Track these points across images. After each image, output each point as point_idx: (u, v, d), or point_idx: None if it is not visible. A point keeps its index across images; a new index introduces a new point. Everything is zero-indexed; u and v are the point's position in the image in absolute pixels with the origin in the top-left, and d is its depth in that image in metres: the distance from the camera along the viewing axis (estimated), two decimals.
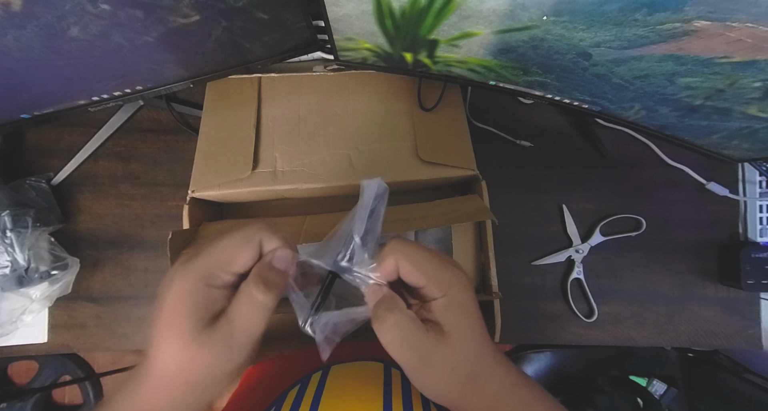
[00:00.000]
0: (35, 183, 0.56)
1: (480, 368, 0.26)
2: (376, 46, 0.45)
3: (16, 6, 0.31)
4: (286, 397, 0.33)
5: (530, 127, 0.63)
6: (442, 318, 0.25)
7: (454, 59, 0.44)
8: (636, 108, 0.43)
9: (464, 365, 0.25)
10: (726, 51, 0.30)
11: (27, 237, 0.51)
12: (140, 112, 0.60)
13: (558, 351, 0.87)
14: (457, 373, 0.25)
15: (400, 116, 0.53)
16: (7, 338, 0.54)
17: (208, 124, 0.52)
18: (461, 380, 0.25)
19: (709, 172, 0.60)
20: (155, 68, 0.45)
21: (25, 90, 0.42)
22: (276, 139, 0.51)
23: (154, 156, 0.60)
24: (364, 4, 0.37)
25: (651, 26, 0.30)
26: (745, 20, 0.27)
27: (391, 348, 0.25)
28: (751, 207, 0.61)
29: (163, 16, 0.37)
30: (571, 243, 0.60)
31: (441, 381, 0.25)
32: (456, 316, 0.25)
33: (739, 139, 0.42)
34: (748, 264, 0.57)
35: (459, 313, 0.26)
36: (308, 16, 0.45)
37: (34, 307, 0.53)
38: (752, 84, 0.33)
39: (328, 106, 0.53)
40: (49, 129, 0.59)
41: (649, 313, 0.61)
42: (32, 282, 0.51)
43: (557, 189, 0.62)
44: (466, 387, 0.26)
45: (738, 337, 0.60)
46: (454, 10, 0.35)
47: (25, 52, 0.35)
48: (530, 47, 0.38)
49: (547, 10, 0.32)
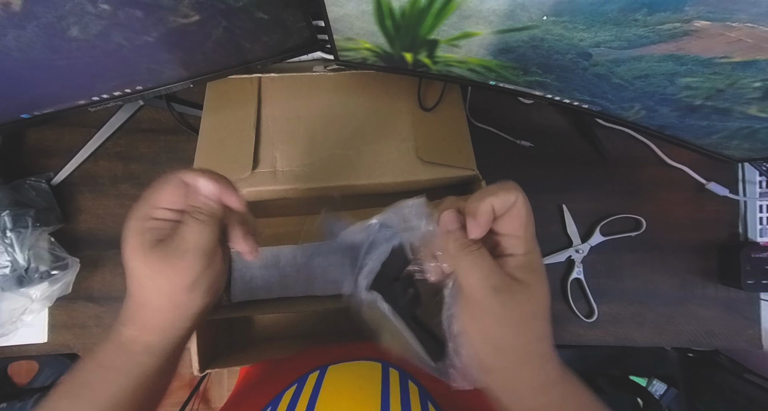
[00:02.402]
0: (35, 183, 0.56)
1: (546, 331, 0.25)
2: (376, 46, 0.45)
3: (16, 6, 0.31)
4: (282, 397, 0.33)
5: (530, 127, 0.63)
6: (522, 273, 0.24)
7: (454, 59, 0.44)
8: (636, 108, 0.43)
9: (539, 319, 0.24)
10: (726, 51, 0.30)
11: (27, 237, 0.51)
12: (140, 112, 0.60)
13: (558, 351, 0.87)
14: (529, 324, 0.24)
15: (400, 116, 0.53)
16: (7, 338, 0.54)
17: (208, 124, 0.52)
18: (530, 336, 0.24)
19: (709, 172, 0.60)
20: (155, 68, 0.45)
21: (25, 90, 0.42)
22: (276, 139, 0.51)
23: (154, 156, 0.60)
24: (364, 4, 0.37)
25: (651, 26, 0.30)
26: (745, 20, 0.27)
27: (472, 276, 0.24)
28: (751, 207, 0.61)
29: (163, 16, 0.37)
30: (571, 243, 0.60)
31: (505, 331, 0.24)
32: (537, 274, 0.25)
33: (739, 139, 0.42)
34: (748, 264, 0.57)
35: (536, 273, 0.25)
36: (308, 16, 0.45)
37: (34, 307, 0.53)
38: (752, 84, 0.33)
39: (328, 106, 0.53)
40: (49, 129, 0.59)
41: (649, 313, 0.61)
42: (32, 282, 0.51)
43: (557, 189, 0.62)
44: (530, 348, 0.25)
45: (738, 337, 0.60)
46: (454, 10, 0.35)
47: (26, 52, 0.35)
48: (530, 47, 0.38)
49: (547, 10, 0.32)
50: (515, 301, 0.24)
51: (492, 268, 0.24)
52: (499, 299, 0.23)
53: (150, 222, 0.28)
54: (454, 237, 0.25)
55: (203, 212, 0.28)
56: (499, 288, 0.24)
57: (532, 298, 0.24)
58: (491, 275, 0.24)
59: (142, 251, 0.27)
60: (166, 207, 0.28)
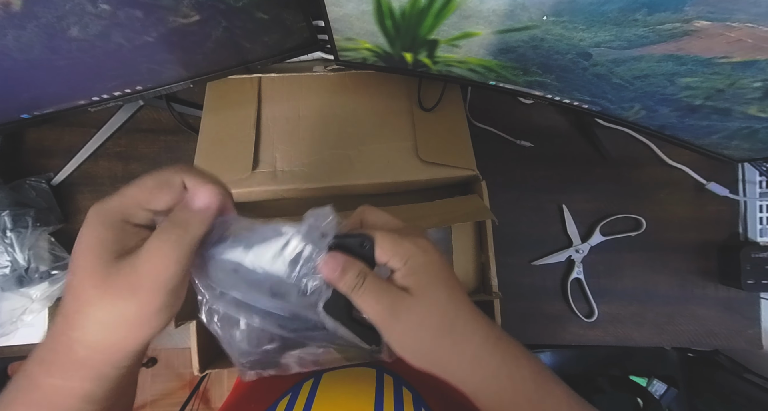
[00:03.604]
0: (35, 183, 0.56)
1: (453, 322, 0.27)
2: (376, 46, 0.45)
3: (16, 6, 0.31)
4: (277, 406, 0.33)
5: (530, 127, 0.63)
6: (406, 283, 0.26)
7: (454, 59, 0.44)
8: (636, 108, 0.43)
9: (433, 318, 0.26)
10: (726, 51, 0.30)
11: (27, 237, 0.51)
12: (140, 112, 0.60)
13: (558, 351, 0.87)
14: (426, 326, 0.26)
15: (400, 116, 0.53)
16: (7, 338, 0.54)
17: (208, 124, 0.52)
18: (433, 333, 0.26)
19: (709, 172, 0.60)
20: (155, 68, 0.45)
21: (25, 90, 0.42)
22: (276, 139, 0.51)
23: (154, 156, 0.60)
24: (364, 4, 0.37)
25: (651, 26, 0.30)
26: (745, 20, 0.27)
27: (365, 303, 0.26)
28: (751, 207, 0.61)
29: (163, 16, 0.37)
30: (571, 243, 0.60)
31: (412, 334, 0.26)
32: (418, 278, 0.27)
33: (739, 139, 0.42)
34: (748, 264, 0.57)
35: (421, 275, 0.27)
36: (308, 16, 0.45)
37: (34, 307, 0.53)
38: (752, 84, 0.33)
39: (328, 106, 0.53)
40: (49, 129, 0.59)
41: (649, 313, 0.61)
42: (32, 282, 0.51)
43: (557, 189, 0.62)
44: (442, 341, 0.26)
45: (738, 337, 0.60)
46: (454, 10, 0.35)
47: (26, 52, 0.35)
48: (530, 47, 0.38)
49: (547, 10, 0.32)
50: (407, 312, 0.26)
51: (381, 293, 0.26)
52: (395, 317, 0.26)
53: (128, 227, 0.22)
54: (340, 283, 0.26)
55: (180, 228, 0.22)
56: (392, 307, 0.26)
57: (420, 302, 0.26)
58: (382, 300, 0.26)
59: (102, 267, 0.21)
60: (151, 209, 0.23)
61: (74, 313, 0.22)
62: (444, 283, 0.27)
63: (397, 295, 0.26)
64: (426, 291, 0.26)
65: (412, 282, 0.26)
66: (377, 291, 0.26)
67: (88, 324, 0.21)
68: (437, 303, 0.27)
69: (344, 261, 0.26)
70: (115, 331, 0.22)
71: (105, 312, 0.21)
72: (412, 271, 0.27)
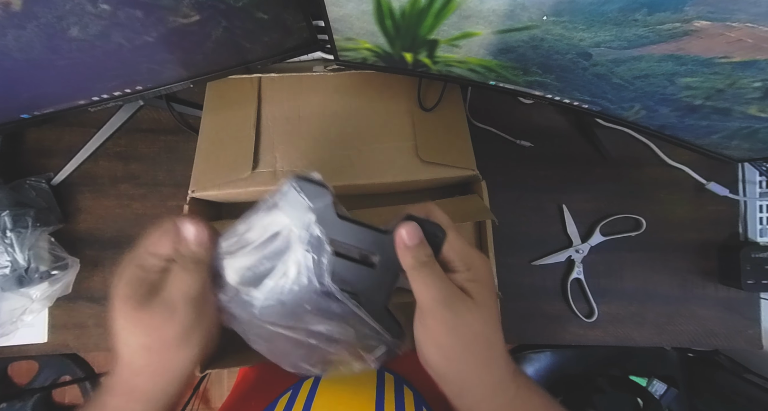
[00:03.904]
0: (35, 183, 0.56)
1: (493, 340, 0.27)
2: (376, 46, 0.45)
3: (16, 6, 0.31)
4: (277, 403, 0.33)
5: (530, 127, 0.63)
6: (468, 287, 0.26)
7: (454, 59, 0.44)
8: (636, 108, 0.43)
9: (483, 327, 0.26)
10: (726, 51, 0.30)
11: (27, 237, 0.51)
12: (140, 112, 0.60)
13: (558, 351, 0.87)
14: (475, 332, 0.26)
15: (400, 116, 0.53)
16: (7, 338, 0.55)
17: (208, 124, 0.52)
18: (475, 342, 0.26)
19: (709, 172, 0.60)
20: (155, 68, 0.45)
21: (25, 90, 0.42)
22: (276, 139, 0.51)
23: (154, 156, 0.60)
24: (364, 4, 0.37)
25: (651, 26, 0.30)
26: (745, 20, 0.27)
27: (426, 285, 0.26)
28: (751, 207, 0.61)
29: (163, 16, 0.37)
30: (571, 243, 0.60)
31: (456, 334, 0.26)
32: (481, 287, 0.27)
33: (739, 139, 0.42)
34: (748, 264, 0.57)
35: (483, 286, 0.27)
36: (308, 16, 0.45)
37: (34, 307, 0.53)
38: (752, 84, 0.33)
39: (328, 106, 0.53)
40: (49, 129, 0.59)
41: (649, 313, 0.61)
42: (32, 282, 0.51)
43: (557, 189, 0.62)
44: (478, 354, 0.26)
45: (738, 337, 0.60)
46: (454, 10, 0.35)
47: (25, 52, 0.35)
48: (530, 47, 0.38)
49: (547, 10, 0.32)
50: (464, 311, 0.26)
51: (444, 283, 0.26)
52: (449, 309, 0.25)
53: (143, 272, 0.27)
54: (412, 253, 0.26)
55: (187, 259, 0.27)
56: (450, 299, 0.26)
57: (480, 309, 0.26)
58: (443, 289, 0.26)
59: (132, 307, 0.25)
60: (160, 255, 0.27)
61: (121, 346, 0.26)
62: (495, 302, 0.28)
63: (458, 292, 0.26)
64: (485, 301, 0.26)
65: (473, 288, 0.26)
66: (442, 279, 0.26)
67: (132, 351, 0.26)
68: (490, 317, 0.27)
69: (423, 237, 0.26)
70: (157, 353, 0.26)
71: (145, 336, 0.25)
72: (475, 279, 0.27)
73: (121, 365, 0.27)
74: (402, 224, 0.27)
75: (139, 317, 0.25)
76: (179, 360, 0.26)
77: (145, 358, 0.26)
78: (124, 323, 0.26)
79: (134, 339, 0.26)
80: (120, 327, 0.26)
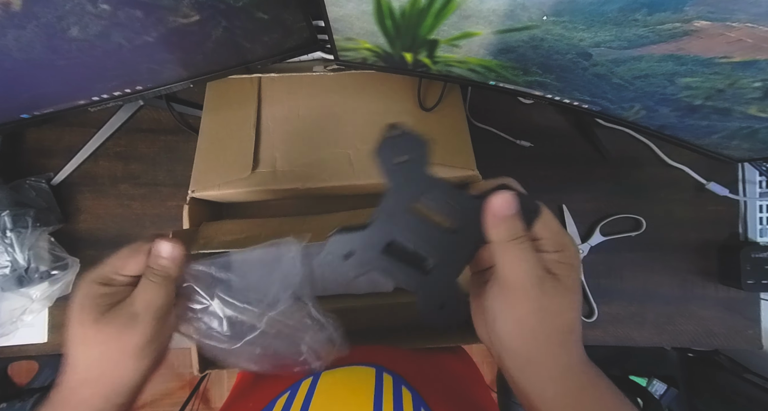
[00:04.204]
0: (35, 183, 0.56)
1: (573, 326, 0.26)
2: (376, 46, 0.45)
3: (16, 6, 0.31)
4: (275, 404, 0.33)
5: (530, 127, 0.63)
6: (557, 269, 0.25)
7: (454, 59, 0.44)
8: (636, 108, 0.43)
9: (568, 313, 0.25)
10: (726, 51, 0.30)
11: (27, 237, 0.51)
12: (140, 112, 0.60)
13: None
14: (560, 314, 0.25)
15: (400, 116, 0.53)
16: (7, 338, 0.55)
17: (208, 124, 0.52)
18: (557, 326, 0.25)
19: (709, 172, 0.60)
20: (155, 68, 0.45)
21: (25, 90, 0.42)
22: (276, 139, 0.51)
23: (154, 156, 0.60)
24: (364, 4, 0.37)
25: (651, 26, 0.30)
26: (745, 20, 0.27)
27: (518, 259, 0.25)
28: (751, 207, 0.61)
29: (163, 16, 0.37)
30: None
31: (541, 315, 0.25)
32: (570, 271, 0.26)
33: (739, 139, 0.42)
34: (748, 264, 0.57)
35: (573, 270, 0.26)
36: (308, 16, 0.45)
37: (34, 307, 0.53)
38: (752, 84, 0.33)
39: (328, 106, 0.53)
40: (49, 129, 0.59)
41: (649, 313, 0.61)
42: (32, 282, 0.51)
43: (557, 189, 0.62)
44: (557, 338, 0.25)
45: (738, 337, 0.60)
46: (454, 10, 0.35)
47: (25, 52, 0.35)
48: (530, 47, 0.38)
49: (547, 10, 0.32)
50: (552, 292, 0.25)
51: (537, 262, 0.25)
52: (540, 289, 0.24)
53: (106, 287, 0.27)
54: (507, 225, 0.25)
55: (157, 273, 0.28)
56: (541, 279, 0.25)
57: (567, 291, 0.25)
58: (536, 268, 0.25)
59: (92, 316, 0.26)
60: (126, 274, 0.28)
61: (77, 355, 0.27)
62: (580, 288, 0.27)
63: (547, 272, 0.25)
64: (573, 286, 0.25)
65: (562, 270, 0.25)
66: (534, 256, 0.25)
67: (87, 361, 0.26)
68: (576, 302, 0.26)
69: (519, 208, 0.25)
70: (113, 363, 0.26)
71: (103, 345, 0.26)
72: (566, 260, 0.26)
73: (71, 377, 0.27)
74: (497, 193, 0.25)
75: (99, 327, 0.26)
76: (133, 370, 0.27)
77: (99, 368, 0.26)
78: (83, 332, 0.26)
79: (90, 349, 0.26)
80: (77, 337, 0.26)
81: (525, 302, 0.25)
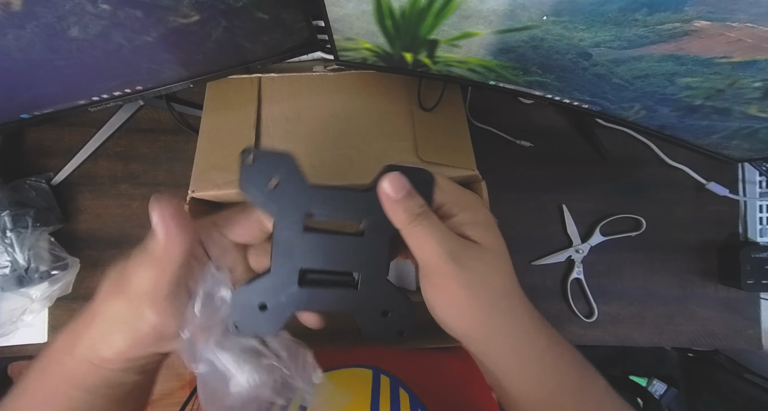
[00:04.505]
0: (35, 183, 0.56)
1: (512, 288, 0.24)
2: (376, 46, 0.45)
3: (16, 6, 0.31)
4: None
5: (530, 127, 0.63)
6: (470, 233, 0.23)
7: (454, 59, 0.44)
8: (636, 108, 0.43)
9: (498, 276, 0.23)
10: (726, 51, 0.30)
11: (27, 237, 0.51)
12: (140, 112, 0.60)
13: None
14: (490, 282, 0.23)
15: (400, 116, 0.53)
16: (7, 338, 0.54)
17: (208, 124, 0.52)
18: (493, 293, 0.23)
19: (709, 172, 0.60)
20: (155, 68, 0.45)
21: (25, 90, 0.42)
22: (276, 139, 0.51)
23: (154, 156, 0.60)
24: (364, 4, 0.37)
25: (651, 26, 0.30)
26: (745, 20, 0.27)
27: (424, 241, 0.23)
28: (751, 207, 0.61)
29: (163, 16, 0.37)
30: (571, 243, 0.60)
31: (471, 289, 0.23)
32: (485, 231, 0.24)
33: (739, 139, 0.42)
34: (748, 264, 0.57)
35: (488, 228, 0.24)
36: (308, 16, 0.45)
37: (34, 307, 0.53)
38: (752, 84, 0.33)
39: (328, 106, 0.53)
40: (49, 129, 0.59)
41: (649, 313, 0.61)
42: (32, 282, 0.51)
43: (557, 189, 0.62)
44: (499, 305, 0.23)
45: (738, 337, 0.60)
46: (454, 10, 0.35)
47: (25, 52, 0.35)
48: (530, 47, 0.38)
49: (547, 10, 0.32)
50: (472, 261, 0.23)
51: (445, 234, 0.23)
52: (457, 262, 0.22)
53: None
54: (402, 207, 0.23)
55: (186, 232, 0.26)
56: (455, 251, 0.22)
57: (487, 254, 0.23)
58: (446, 241, 0.22)
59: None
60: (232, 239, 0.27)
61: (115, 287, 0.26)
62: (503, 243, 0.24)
63: (462, 241, 0.23)
64: (493, 245, 0.23)
65: (477, 233, 0.23)
66: (442, 230, 0.23)
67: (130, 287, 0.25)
68: (502, 262, 0.24)
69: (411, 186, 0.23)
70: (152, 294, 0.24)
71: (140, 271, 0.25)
72: (475, 221, 0.24)
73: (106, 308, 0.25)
74: (383, 177, 0.23)
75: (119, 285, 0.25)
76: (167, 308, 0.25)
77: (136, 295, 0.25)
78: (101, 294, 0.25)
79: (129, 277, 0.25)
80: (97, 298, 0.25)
81: (448, 281, 0.23)
